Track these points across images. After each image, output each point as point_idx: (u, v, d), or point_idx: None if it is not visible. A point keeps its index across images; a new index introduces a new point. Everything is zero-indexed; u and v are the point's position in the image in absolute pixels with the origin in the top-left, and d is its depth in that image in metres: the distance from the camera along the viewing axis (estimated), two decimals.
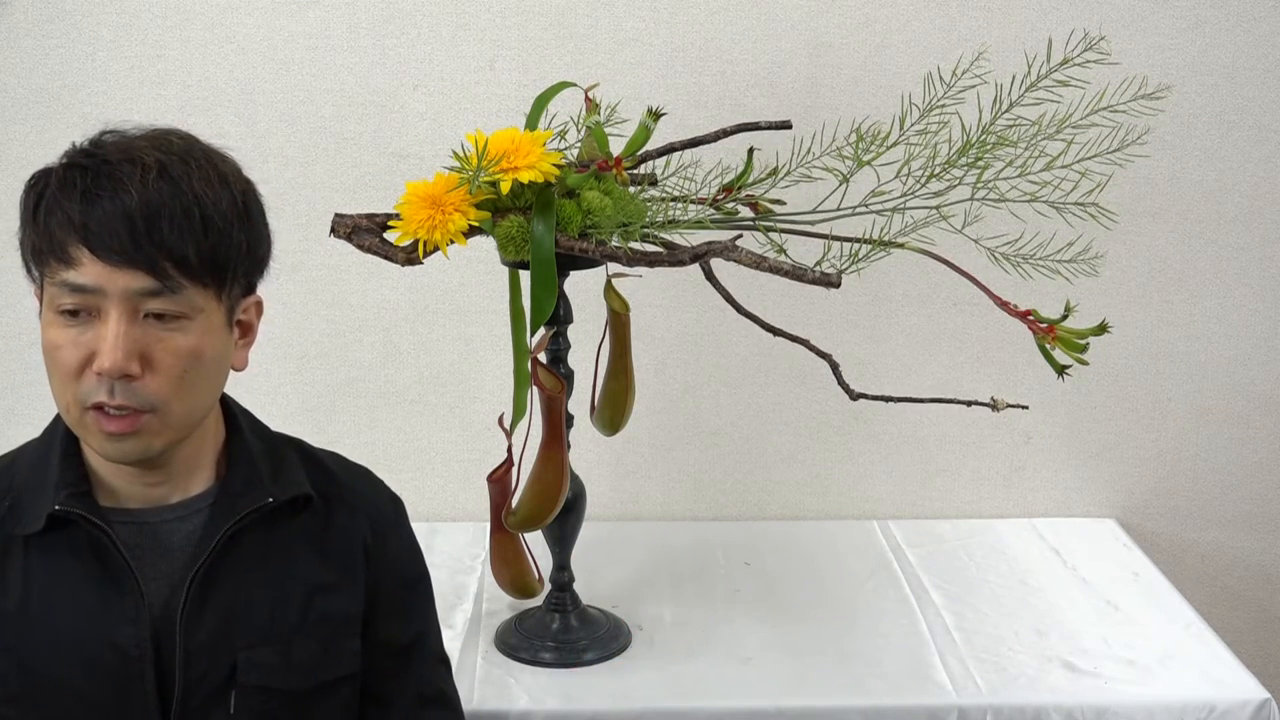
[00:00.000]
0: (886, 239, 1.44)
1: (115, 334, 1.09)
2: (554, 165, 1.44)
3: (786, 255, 1.44)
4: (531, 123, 1.57)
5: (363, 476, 1.33)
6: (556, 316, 1.59)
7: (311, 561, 1.23)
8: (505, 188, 1.42)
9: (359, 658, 1.25)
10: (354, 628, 1.25)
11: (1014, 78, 1.49)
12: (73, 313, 1.10)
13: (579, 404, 1.68)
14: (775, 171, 1.55)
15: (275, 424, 1.33)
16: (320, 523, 1.24)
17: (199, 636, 1.16)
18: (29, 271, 1.15)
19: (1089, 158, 1.46)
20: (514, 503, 1.61)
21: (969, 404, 1.53)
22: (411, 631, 1.31)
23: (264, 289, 1.23)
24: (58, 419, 1.21)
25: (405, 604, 1.31)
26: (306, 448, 1.30)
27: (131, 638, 1.14)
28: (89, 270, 1.08)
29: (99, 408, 1.11)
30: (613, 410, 1.71)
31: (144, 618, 1.14)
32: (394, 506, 1.33)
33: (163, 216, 1.09)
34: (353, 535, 1.26)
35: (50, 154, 1.16)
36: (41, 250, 1.11)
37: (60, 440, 1.19)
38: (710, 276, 1.49)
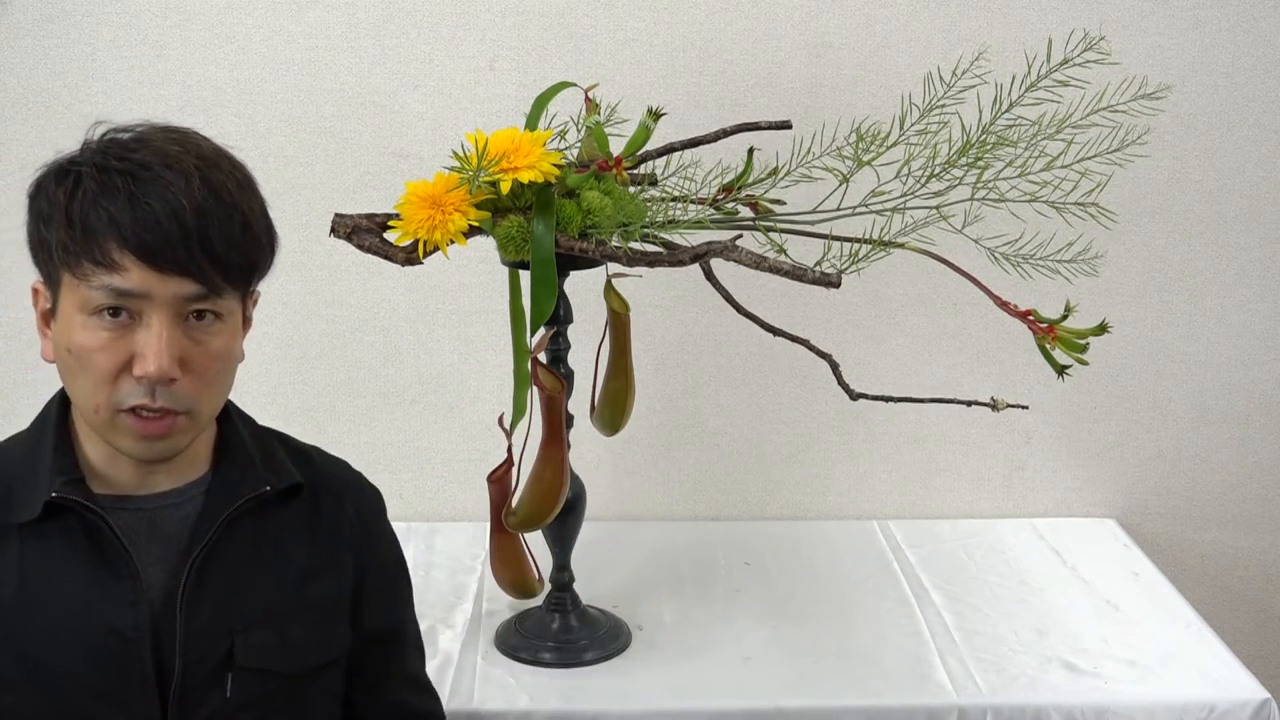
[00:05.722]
0: (886, 239, 1.44)
1: (161, 339, 1.10)
2: (554, 165, 1.44)
3: (786, 255, 1.44)
4: (531, 123, 1.57)
5: (345, 467, 1.35)
6: (556, 316, 1.59)
7: (302, 547, 1.25)
8: (505, 188, 1.42)
9: (347, 641, 1.27)
10: (342, 611, 1.27)
11: (1014, 78, 1.49)
12: (112, 313, 1.10)
13: (579, 404, 1.68)
14: (775, 171, 1.55)
15: (275, 424, 1.34)
16: (309, 510, 1.26)
17: (198, 620, 1.17)
18: (45, 269, 1.13)
19: (1089, 158, 1.46)
20: (514, 503, 1.61)
21: (969, 404, 1.53)
22: (396, 618, 1.35)
23: (264, 288, 1.23)
24: (49, 409, 1.21)
25: (390, 590, 1.35)
26: (289, 440, 1.32)
27: (130, 620, 1.15)
28: (134, 276, 1.08)
29: (134, 410, 1.12)
30: (613, 410, 1.71)
31: (142, 600, 1.15)
32: (376, 494, 1.36)
33: (211, 225, 1.10)
34: (340, 522, 1.28)
35: (50, 154, 1.16)
36: (75, 252, 1.09)
37: (53, 430, 1.19)
38: (710, 276, 1.49)
